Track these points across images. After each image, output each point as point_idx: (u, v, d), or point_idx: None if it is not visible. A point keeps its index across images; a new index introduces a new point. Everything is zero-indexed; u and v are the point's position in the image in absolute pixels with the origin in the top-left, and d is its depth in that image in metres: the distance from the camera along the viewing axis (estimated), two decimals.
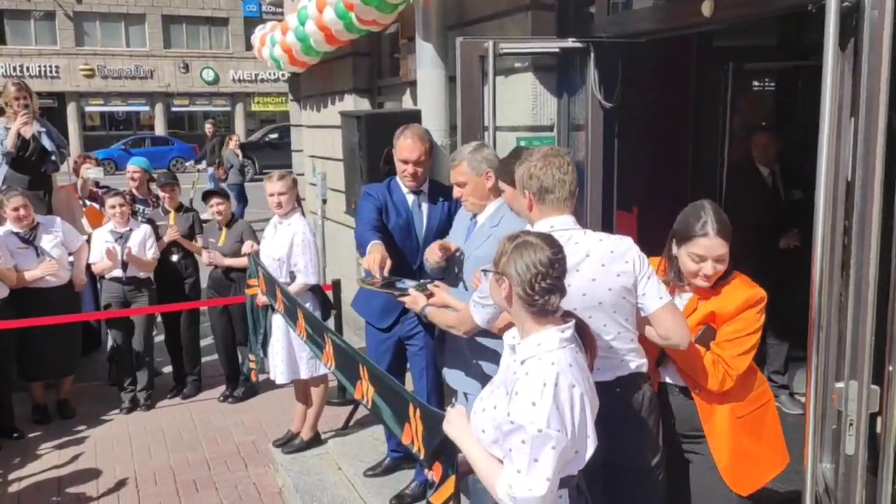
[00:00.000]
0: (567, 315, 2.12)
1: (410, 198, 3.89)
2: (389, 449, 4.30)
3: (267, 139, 25.53)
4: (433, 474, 2.31)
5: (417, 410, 2.50)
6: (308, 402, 4.95)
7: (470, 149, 3.35)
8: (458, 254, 3.37)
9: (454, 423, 2.19)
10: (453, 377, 3.37)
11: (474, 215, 3.39)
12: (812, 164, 2.30)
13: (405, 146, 3.78)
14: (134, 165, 6.84)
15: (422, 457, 2.45)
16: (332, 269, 7.64)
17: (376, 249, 3.43)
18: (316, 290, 4.79)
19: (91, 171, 6.94)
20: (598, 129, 4.21)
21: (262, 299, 4.71)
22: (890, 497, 2.20)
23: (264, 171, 17.64)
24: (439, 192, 3.91)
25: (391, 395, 2.80)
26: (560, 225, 2.55)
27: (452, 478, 2.23)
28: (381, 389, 2.90)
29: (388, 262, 3.37)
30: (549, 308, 2.05)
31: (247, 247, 5.52)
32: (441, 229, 3.81)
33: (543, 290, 2.03)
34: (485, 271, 2.25)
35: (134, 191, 6.65)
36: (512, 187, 2.93)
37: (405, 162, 3.79)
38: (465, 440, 2.15)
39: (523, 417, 1.93)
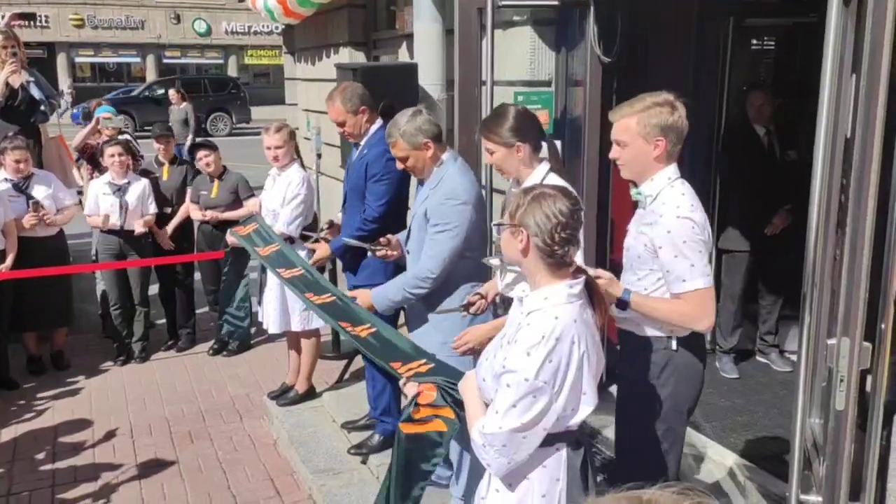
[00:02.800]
0: (578, 271, 2.12)
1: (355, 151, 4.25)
2: (372, 408, 4.36)
3: (147, 94, 24.21)
4: (414, 388, 2.46)
5: (429, 364, 2.65)
6: (301, 352, 4.98)
7: (404, 120, 3.35)
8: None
9: (466, 381, 2.28)
10: (417, 339, 3.43)
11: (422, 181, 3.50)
12: (809, 125, 2.29)
13: (327, 110, 4.16)
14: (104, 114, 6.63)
15: (404, 377, 2.60)
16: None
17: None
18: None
19: (113, 121, 6.66)
20: (596, 84, 4.17)
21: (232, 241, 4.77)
22: (878, 452, 2.24)
23: (146, 127, 16.50)
24: (369, 143, 4.12)
25: (394, 344, 2.92)
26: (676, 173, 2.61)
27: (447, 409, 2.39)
28: (382, 338, 2.98)
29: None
30: (566, 259, 2.06)
31: (253, 204, 5.44)
32: (359, 175, 4.11)
33: (563, 241, 2.03)
34: (498, 225, 2.23)
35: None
36: (504, 147, 2.95)
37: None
38: (468, 395, 2.22)
39: (514, 364, 1.96)
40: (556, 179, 2.99)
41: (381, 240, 3.56)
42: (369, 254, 3.73)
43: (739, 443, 3.90)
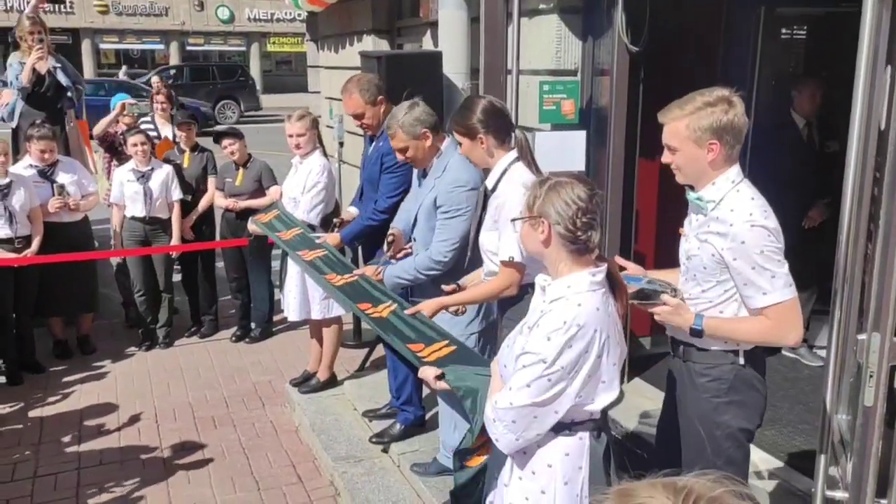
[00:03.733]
0: (600, 259, 2.12)
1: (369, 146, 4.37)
2: (394, 397, 4.39)
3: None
4: (432, 372, 2.46)
5: (451, 346, 2.67)
6: (322, 340, 5.02)
7: (402, 113, 3.48)
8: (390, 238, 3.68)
9: (492, 366, 2.30)
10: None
11: (423, 170, 3.60)
12: (845, 116, 2.25)
13: (343, 102, 4.22)
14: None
15: (425, 361, 2.60)
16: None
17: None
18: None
19: (138, 107, 6.67)
20: (623, 73, 4.14)
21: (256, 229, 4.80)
22: None
23: None
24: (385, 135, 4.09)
25: (415, 322, 2.95)
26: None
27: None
28: (403, 317, 3.03)
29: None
30: (590, 245, 2.06)
31: (274, 192, 5.47)
32: (374, 166, 4.19)
33: (585, 226, 2.04)
34: (515, 220, 2.23)
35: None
36: (468, 139, 3.05)
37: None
38: (492, 380, 2.24)
39: (534, 346, 1.99)
40: (521, 169, 3.03)
41: (388, 237, 3.64)
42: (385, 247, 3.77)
43: (764, 438, 3.88)
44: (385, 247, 3.66)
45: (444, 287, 3.20)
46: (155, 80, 6.96)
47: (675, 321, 2.44)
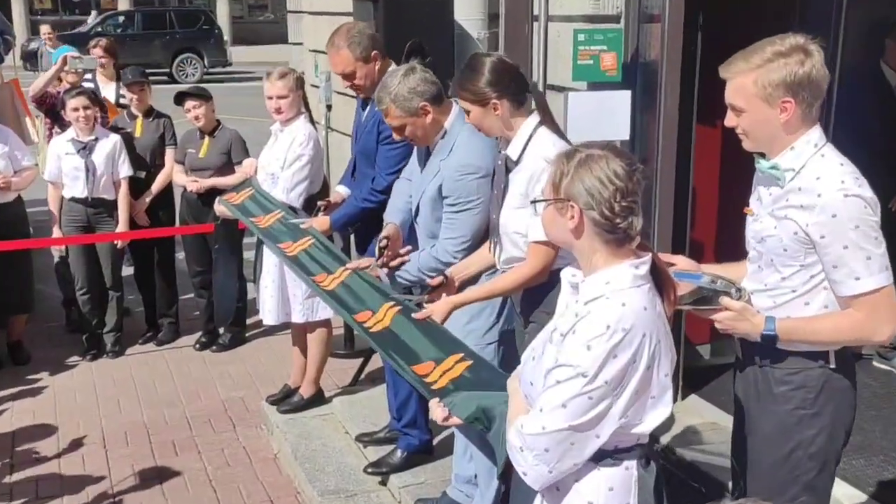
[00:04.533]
0: (642, 248, 2.12)
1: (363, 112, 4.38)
2: (394, 418, 4.41)
3: (101, 31, 23.01)
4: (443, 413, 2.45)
5: (466, 360, 2.68)
6: (307, 348, 5.04)
7: (395, 83, 3.44)
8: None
9: (509, 385, 2.30)
10: None
11: (427, 148, 3.59)
12: None
13: (329, 59, 4.22)
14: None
15: (434, 387, 2.62)
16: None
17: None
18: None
19: (83, 61, 6.68)
20: (677, 20, 4.12)
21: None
22: None
23: None
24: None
25: (423, 331, 2.97)
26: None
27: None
28: (410, 324, 3.05)
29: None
30: (631, 234, 2.06)
31: (247, 167, 5.49)
32: (369, 136, 4.20)
33: (624, 210, 2.02)
34: (535, 202, 2.23)
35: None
36: (478, 106, 3.05)
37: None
38: (511, 401, 2.24)
39: (570, 357, 1.98)
40: (548, 135, 3.05)
41: (380, 242, 3.60)
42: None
43: (850, 468, 3.87)
44: (376, 252, 3.61)
45: (429, 281, 3.23)
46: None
47: (741, 328, 2.45)
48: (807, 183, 2.36)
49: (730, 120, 2.48)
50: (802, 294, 2.43)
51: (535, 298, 3.10)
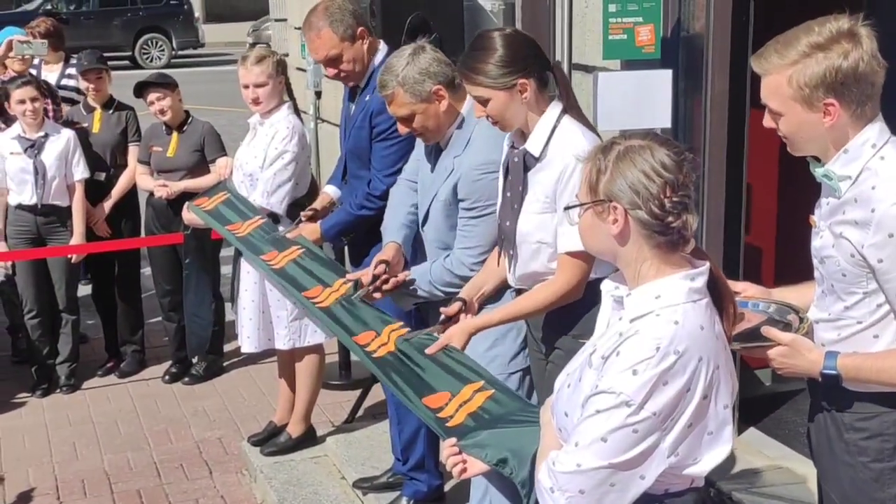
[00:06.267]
0: (697, 254, 2.11)
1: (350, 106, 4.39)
2: (398, 460, 4.40)
3: (51, 8, 22.86)
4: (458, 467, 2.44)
5: (487, 389, 2.70)
6: (295, 379, 5.04)
7: (402, 64, 3.43)
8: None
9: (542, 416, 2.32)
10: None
11: (436, 146, 3.57)
12: None
13: (309, 45, 4.26)
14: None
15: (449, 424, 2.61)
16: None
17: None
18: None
19: (33, 46, 6.65)
20: None
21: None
22: None
23: None
24: (373, 85, 4.05)
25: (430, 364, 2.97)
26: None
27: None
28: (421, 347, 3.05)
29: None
30: (685, 234, 2.05)
31: (222, 167, 5.50)
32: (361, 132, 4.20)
33: (676, 207, 2.02)
34: (569, 207, 2.22)
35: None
36: (502, 91, 2.99)
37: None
38: (543, 435, 2.26)
39: (613, 383, 1.97)
40: (573, 126, 3.03)
41: (375, 271, 3.54)
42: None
43: None
44: (370, 277, 3.54)
45: (444, 310, 3.20)
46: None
47: (795, 367, 2.41)
48: (862, 193, 2.29)
49: (767, 122, 2.44)
50: (870, 326, 2.38)
51: (562, 321, 3.09)
